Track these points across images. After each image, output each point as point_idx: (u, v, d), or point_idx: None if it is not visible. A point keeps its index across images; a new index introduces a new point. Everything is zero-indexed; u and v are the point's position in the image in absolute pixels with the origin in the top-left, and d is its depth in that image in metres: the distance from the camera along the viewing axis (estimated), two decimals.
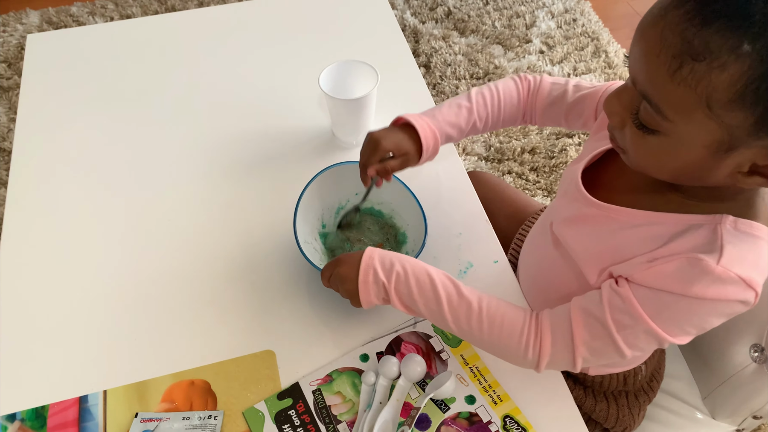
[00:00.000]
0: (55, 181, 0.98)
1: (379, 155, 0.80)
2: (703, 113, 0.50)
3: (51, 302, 0.84)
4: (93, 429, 0.74)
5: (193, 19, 1.27)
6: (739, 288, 0.57)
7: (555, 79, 0.88)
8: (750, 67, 0.46)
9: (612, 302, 0.63)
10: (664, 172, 0.61)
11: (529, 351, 0.67)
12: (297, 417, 0.74)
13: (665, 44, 0.49)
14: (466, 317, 0.69)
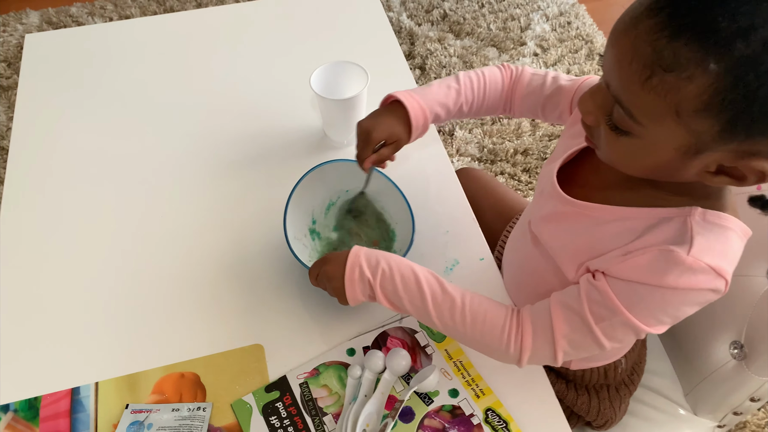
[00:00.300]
0: (50, 179, 1.00)
1: (371, 147, 0.82)
2: (672, 120, 0.52)
3: (45, 297, 0.86)
4: (84, 420, 0.76)
5: (189, 21, 1.29)
6: (710, 277, 0.59)
7: (535, 70, 0.90)
8: (716, 80, 0.48)
9: (590, 295, 0.65)
10: (635, 169, 0.63)
11: (510, 346, 0.69)
12: (284, 409, 0.76)
13: (637, 53, 0.51)
14: (450, 313, 0.71)
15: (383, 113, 0.85)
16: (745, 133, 0.51)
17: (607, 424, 0.94)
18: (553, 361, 0.68)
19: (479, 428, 0.74)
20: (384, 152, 0.84)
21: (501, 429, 0.74)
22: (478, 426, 0.74)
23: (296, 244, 0.83)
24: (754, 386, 0.86)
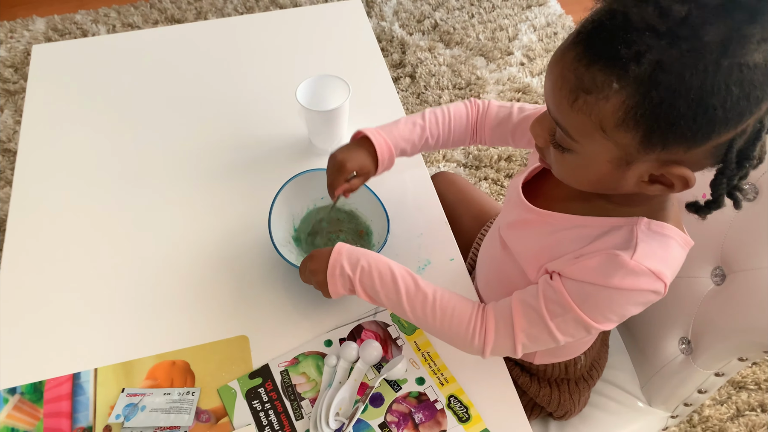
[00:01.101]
0: (55, 180, 1.07)
1: (344, 177, 0.89)
2: (600, 135, 0.60)
3: (49, 291, 0.94)
4: (84, 402, 0.83)
5: (181, 35, 1.35)
6: (650, 279, 0.66)
7: (501, 103, 0.97)
8: (627, 98, 0.55)
9: (546, 294, 0.72)
10: (582, 183, 0.70)
11: (475, 338, 0.76)
12: (266, 394, 0.83)
13: (565, 80, 0.59)
14: (422, 307, 0.78)
15: (354, 147, 0.91)
16: (661, 144, 0.58)
17: (567, 415, 1.01)
18: (512, 352, 0.75)
19: (442, 413, 0.81)
20: (354, 182, 0.90)
21: (462, 414, 0.81)
22: (441, 411, 0.81)
23: (283, 249, 0.91)
24: (701, 379, 0.93)
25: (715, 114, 0.53)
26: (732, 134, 0.56)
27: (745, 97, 0.53)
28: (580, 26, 0.59)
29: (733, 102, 0.53)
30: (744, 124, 0.56)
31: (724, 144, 0.57)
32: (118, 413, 0.81)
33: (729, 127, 0.55)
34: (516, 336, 0.74)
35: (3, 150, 1.95)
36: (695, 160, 0.59)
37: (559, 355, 0.95)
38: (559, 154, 0.67)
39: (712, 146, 0.57)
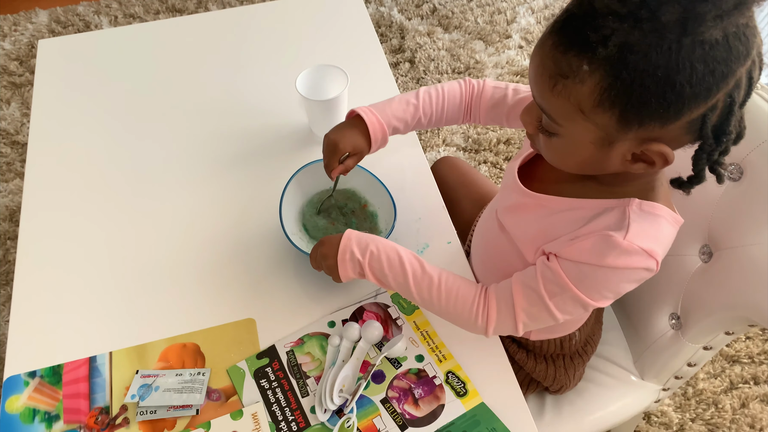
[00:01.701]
0: (67, 170, 1.11)
1: (337, 157, 0.92)
2: (581, 117, 0.63)
3: (66, 279, 0.98)
4: (101, 384, 0.87)
5: (183, 27, 1.38)
6: (643, 257, 0.70)
7: (496, 83, 1.00)
8: (600, 80, 0.59)
9: (544, 274, 0.75)
10: (570, 166, 0.74)
11: (478, 319, 0.80)
12: (273, 373, 0.87)
13: (545, 67, 0.63)
14: (428, 289, 0.81)
15: (347, 127, 0.94)
16: (637, 122, 0.61)
17: (563, 389, 1.05)
18: (514, 331, 0.79)
19: (441, 388, 0.85)
20: (348, 163, 0.94)
21: (459, 389, 0.85)
22: (440, 386, 0.86)
23: (293, 237, 0.95)
24: (690, 353, 0.97)
25: (683, 90, 0.57)
26: (703, 109, 0.60)
27: (710, 72, 0.57)
28: (557, 16, 0.63)
29: (698, 78, 0.57)
30: (713, 99, 0.59)
31: (698, 119, 0.61)
32: (133, 393, 0.85)
33: (699, 102, 0.59)
34: (517, 315, 0.77)
35: (11, 142, 1.99)
36: (672, 136, 0.63)
37: (555, 332, 0.99)
38: (547, 140, 0.71)
39: (686, 122, 0.61)
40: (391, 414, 0.83)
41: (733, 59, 0.57)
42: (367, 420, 0.83)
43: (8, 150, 1.97)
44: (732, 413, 1.43)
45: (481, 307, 0.80)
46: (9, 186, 1.88)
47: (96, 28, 2.32)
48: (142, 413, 0.84)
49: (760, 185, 0.84)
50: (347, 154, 0.93)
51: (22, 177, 1.91)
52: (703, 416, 1.43)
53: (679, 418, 1.43)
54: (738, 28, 0.56)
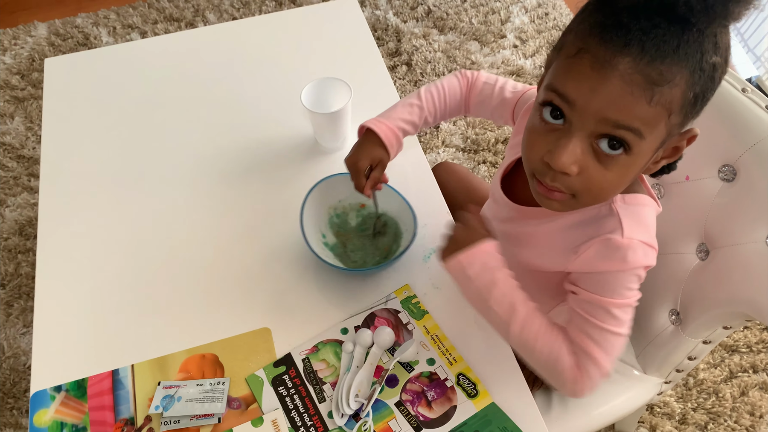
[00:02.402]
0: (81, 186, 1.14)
1: (362, 174, 0.96)
2: (664, 122, 0.64)
3: (85, 294, 1.01)
4: (125, 396, 0.91)
5: (187, 41, 1.41)
6: (645, 249, 0.74)
7: (488, 77, 1.03)
8: (689, 76, 0.62)
9: (583, 307, 0.76)
10: (620, 188, 0.72)
11: (572, 388, 0.79)
12: (290, 380, 0.91)
13: (634, 83, 0.61)
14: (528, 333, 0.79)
15: (361, 144, 0.98)
16: (693, 116, 0.66)
17: None
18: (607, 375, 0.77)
19: (452, 390, 0.89)
20: (375, 174, 0.97)
21: (470, 390, 0.89)
22: (451, 388, 0.89)
23: (313, 245, 0.97)
24: (690, 347, 1.00)
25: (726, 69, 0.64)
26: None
27: (711, 90, 0.64)
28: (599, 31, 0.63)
29: (712, 93, 0.64)
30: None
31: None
32: (156, 404, 0.88)
33: (699, 112, 0.66)
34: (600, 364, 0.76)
35: (17, 156, 2.01)
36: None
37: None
38: (600, 169, 0.67)
39: None
40: (405, 416, 0.87)
41: (720, 78, 0.65)
42: (383, 423, 0.86)
43: (14, 164, 2.00)
44: (732, 401, 1.47)
45: (579, 378, 0.77)
46: (17, 200, 1.91)
47: (95, 39, 2.34)
48: (166, 423, 0.87)
49: (753, 185, 0.87)
50: (370, 167, 0.96)
51: (29, 191, 1.94)
52: (704, 405, 1.47)
53: (681, 407, 1.47)
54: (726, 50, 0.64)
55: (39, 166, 1.92)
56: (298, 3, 2.45)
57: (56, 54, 2.29)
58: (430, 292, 0.99)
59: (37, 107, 2.14)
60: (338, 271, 1.01)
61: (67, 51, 2.30)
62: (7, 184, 1.95)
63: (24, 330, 1.67)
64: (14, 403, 1.56)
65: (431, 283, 1.00)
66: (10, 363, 1.61)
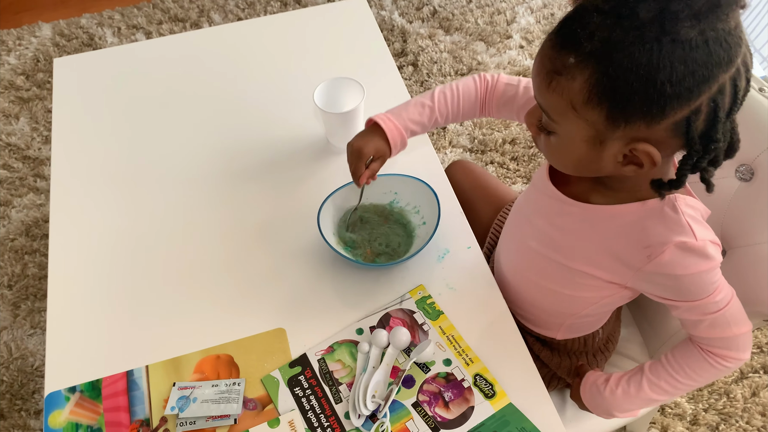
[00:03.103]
0: (92, 187, 1.14)
1: (363, 162, 0.96)
2: (573, 114, 0.67)
3: (98, 294, 1.01)
4: (140, 397, 0.90)
5: (196, 41, 1.41)
6: (714, 248, 0.75)
7: (509, 79, 1.03)
8: (589, 76, 0.63)
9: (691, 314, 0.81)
10: (568, 166, 0.78)
11: (729, 370, 0.86)
12: (305, 381, 0.90)
13: (543, 65, 0.68)
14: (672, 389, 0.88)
15: (367, 134, 0.98)
16: (624, 119, 0.65)
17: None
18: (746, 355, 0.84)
19: (469, 391, 0.89)
20: (374, 166, 0.97)
21: (488, 390, 0.88)
22: (469, 389, 0.89)
23: (330, 242, 0.98)
24: None
25: (664, 89, 0.61)
26: (686, 111, 0.63)
27: (690, 74, 0.61)
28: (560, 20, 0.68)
29: (678, 78, 0.61)
30: (696, 102, 0.63)
31: (682, 122, 0.64)
32: (172, 405, 0.88)
33: (681, 103, 0.63)
34: (736, 355, 0.84)
35: (23, 157, 2.01)
36: (659, 138, 0.67)
37: (580, 331, 1.02)
38: (546, 139, 0.75)
39: (671, 123, 0.64)
40: (423, 417, 0.86)
41: (714, 64, 0.61)
42: (400, 424, 0.86)
43: (20, 165, 1.99)
44: (743, 402, 1.47)
45: (723, 362, 0.84)
46: (23, 201, 1.90)
47: (100, 40, 2.34)
48: (182, 424, 0.86)
49: None
50: (371, 158, 0.97)
51: (35, 192, 1.93)
52: (715, 406, 1.47)
53: (692, 408, 1.47)
54: (718, 33, 0.60)
55: (45, 166, 1.94)
56: (303, 3, 2.45)
57: (61, 54, 2.29)
58: (444, 292, 0.99)
59: (43, 108, 2.13)
60: (352, 270, 1.01)
61: (71, 51, 2.30)
62: (13, 185, 1.94)
63: (31, 331, 1.66)
64: (22, 405, 1.55)
65: (446, 284, 1.00)
66: (17, 364, 1.60)
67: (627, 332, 1.16)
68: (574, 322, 0.98)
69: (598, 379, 0.94)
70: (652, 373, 0.88)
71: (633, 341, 1.15)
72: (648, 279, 0.80)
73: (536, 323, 1.03)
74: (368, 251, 1.03)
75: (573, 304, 0.94)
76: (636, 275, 0.80)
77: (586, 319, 0.98)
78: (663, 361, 0.88)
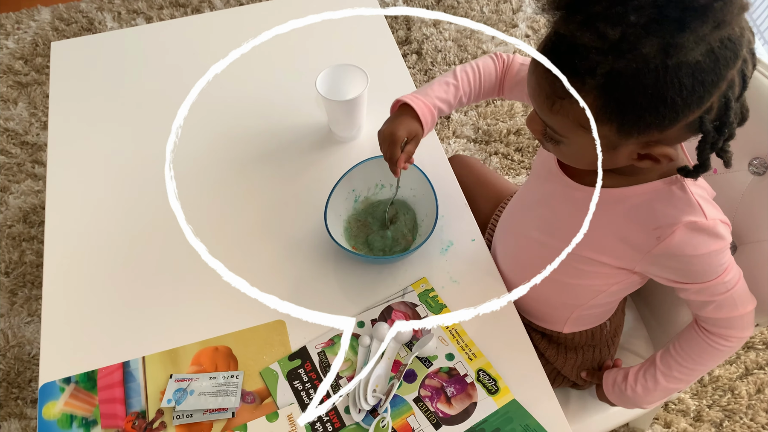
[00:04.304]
0: (89, 175, 1.12)
1: (398, 146, 0.92)
2: (581, 130, 0.67)
3: (94, 283, 0.99)
4: (136, 388, 0.88)
5: (197, 25, 1.38)
6: (724, 227, 0.74)
7: (524, 60, 1.01)
8: (594, 100, 0.62)
9: (699, 296, 0.80)
10: (580, 166, 0.78)
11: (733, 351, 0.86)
12: (305, 374, 0.88)
13: (541, 88, 0.67)
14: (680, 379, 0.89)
15: (397, 117, 0.95)
16: (636, 131, 0.64)
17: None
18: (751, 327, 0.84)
19: (472, 386, 0.87)
20: (409, 148, 0.94)
21: (491, 386, 0.87)
22: (471, 384, 0.87)
23: (336, 237, 0.96)
24: None
25: (675, 103, 0.60)
26: (698, 113, 0.63)
27: (700, 83, 0.59)
28: (542, 43, 0.66)
29: (688, 91, 0.59)
30: (707, 104, 0.62)
31: (695, 121, 0.64)
32: (169, 398, 0.86)
33: (692, 109, 0.62)
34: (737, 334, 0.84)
35: (21, 143, 1.99)
36: (673, 137, 0.66)
37: (588, 324, 1.01)
38: (555, 146, 0.75)
39: (684, 125, 0.64)
40: (424, 413, 0.84)
41: (722, 66, 0.60)
42: (401, 419, 0.84)
43: (18, 150, 1.97)
44: (748, 399, 1.45)
45: (728, 345, 0.84)
46: (21, 187, 1.88)
47: (100, 24, 2.31)
48: (179, 417, 0.85)
49: None
50: (406, 141, 0.94)
51: (33, 178, 1.91)
52: (719, 402, 1.45)
53: (696, 404, 1.45)
54: (723, 40, 0.59)
55: (43, 152, 1.91)
56: None
57: (60, 39, 2.25)
58: (448, 285, 0.97)
59: (41, 93, 2.11)
60: (354, 263, 0.99)
61: (71, 36, 2.27)
62: (10, 171, 1.92)
63: (29, 319, 1.65)
64: (19, 393, 1.54)
65: (449, 277, 0.98)
66: (14, 352, 1.59)
67: (631, 327, 1.14)
68: (581, 314, 0.96)
69: (618, 377, 0.95)
70: (664, 364, 0.89)
71: (637, 336, 1.13)
72: (657, 262, 0.78)
73: (540, 318, 1.01)
74: (409, 238, 1.01)
75: (579, 294, 0.92)
76: (645, 258, 0.79)
77: (594, 310, 0.96)
78: (671, 350, 0.89)
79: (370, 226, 1.03)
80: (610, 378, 0.97)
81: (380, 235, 1.01)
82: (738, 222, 0.91)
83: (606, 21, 0.58)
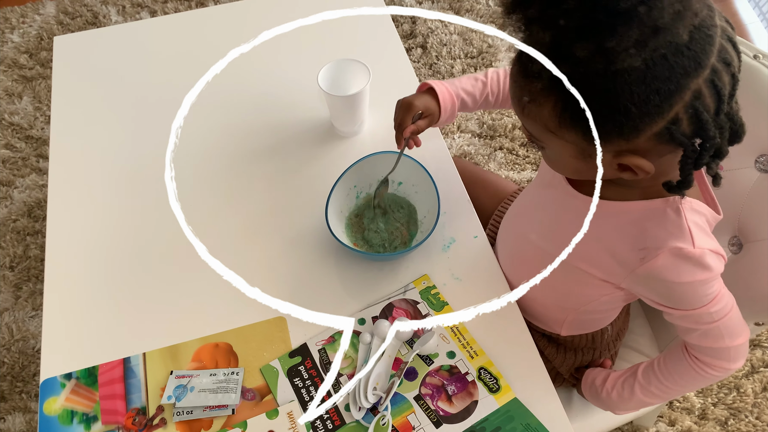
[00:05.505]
0: (91, 170, 1.11)
1: (411, 115, 0.94)
2: (552, 135, 0.66)
3: (96, 280, 0.99)
4: (137, 385, 0.88)
5: (200, 19, 1.37)
6: (714, 257, 0.71)
7: None
8: (555, 103, 0.62)
9: (684, 322, 0.78)
10: (568, 173, 0.78)
11: (718, 378, 0.83)
12: (305, 372, 0.88)
13: (514, 91, 0.68)
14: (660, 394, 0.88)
15: (420, 94, 0.97)
16: (601, 138, 0.62)
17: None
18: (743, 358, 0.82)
19: (473, 384, 0.86)
20: (420, 123, 0.96)
21: (492, 384, 0.86)
22: (473, 383, 0.86)
23: (337, 233, 0.95)
24: None
25: (630, 111, 0.58)
26: (662, 123, 0.59)
27: (655, 92, 0.57)
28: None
29: (642, 99, 0.57)
30: (670, 113, 0.59)
31: (663, 131, 0.60)
32: (169, 394, 0.86)
33: (654, 119, 0.59)
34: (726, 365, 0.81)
35: (26, 137, 1.99)
36: (646, 148, 0.63)
37: (586, 328, 0.99)
38: (540, 150, 0.75)
39: (650, 135, 0.61)
40: (425, 411, 0.84)
41: (680, 75, 0.57)
42: (401, 417, 0.84)
43: (23, 145, 1.97)
44: (754, 397, 1.44)
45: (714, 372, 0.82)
46: (25, 181, 1.88)
47: (104, 18, 2.31)
48: (179, 413, 0.85)
49: None
50: (420, 114, 0.95)
51: (38, 172, 1.91)
52: (725, 401, 1.44)
53: (701, 402, 1.44)
54: (674, 48, 0.56)
55: (47, 147, 1.90)
56: None
57: (65, 33, 2.25)
58: (450, 282, 0.96)
59: (46, 87, 2.11)
60: (356, 259, 0.98)
61: (75, 29, 2.27)
62: (15, 165, 1.93)
63: (33, 313, 1.65)
64: (23, 387, 1.54)
65: (451, 274, 0.97)
66: (18, 346, 1.59)
67: (635, 324, 1.13)
68: (577, 318, 0.96)
69: (597, 379, 0.94)
70: (644, 378, 0.87)
71: (641, 334, 1.12)
72: (641, 282, 0.77)
73: (538, 318, 1.01)
74: (404, 232, 1.01)
75: (570, 299, 0.92)
76: (630, 277, 0.77)
77: (590, 316, 0.95)
78: (654, 366, 0.87)
79: (363, 222, 1.03)
80: (590, 376, 0.96)
81: (374, 230, 1.00)
82: (744, 219, 0.90)
83: (539, 24, 0.57)
